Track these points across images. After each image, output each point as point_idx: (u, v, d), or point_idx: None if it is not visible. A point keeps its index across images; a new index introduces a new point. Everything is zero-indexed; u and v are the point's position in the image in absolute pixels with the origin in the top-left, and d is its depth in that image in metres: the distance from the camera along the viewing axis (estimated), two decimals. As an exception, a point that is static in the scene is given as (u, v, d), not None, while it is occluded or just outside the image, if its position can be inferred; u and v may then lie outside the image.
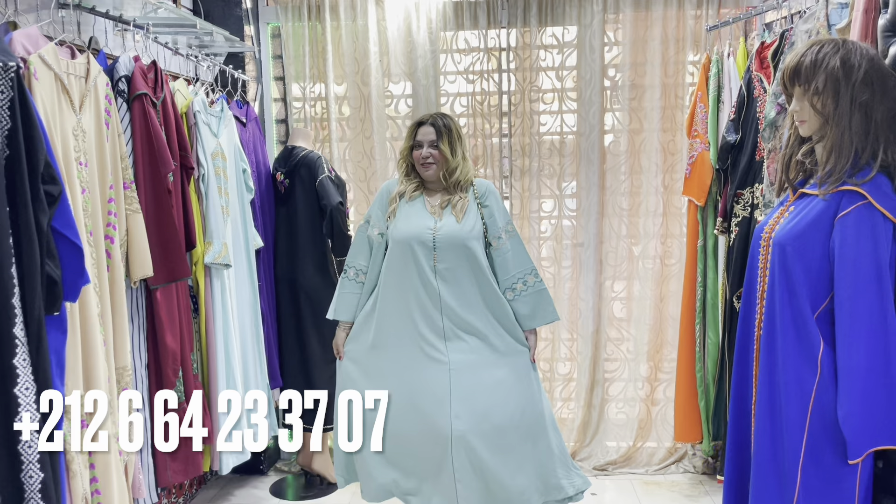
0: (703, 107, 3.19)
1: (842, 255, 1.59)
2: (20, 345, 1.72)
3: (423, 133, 2.51)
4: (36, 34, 2.03)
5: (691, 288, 3.28)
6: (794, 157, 1.77)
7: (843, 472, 1.61)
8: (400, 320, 2.48)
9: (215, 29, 3.04)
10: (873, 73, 1.62)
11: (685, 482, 3.47)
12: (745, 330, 1.87)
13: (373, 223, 2.57)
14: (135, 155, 2.43)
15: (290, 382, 3.41)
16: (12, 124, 1.72)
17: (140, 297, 2.51)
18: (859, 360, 1.58)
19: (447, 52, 3.62)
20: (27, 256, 1.74)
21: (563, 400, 3.74)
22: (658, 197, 3.57)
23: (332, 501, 3.36)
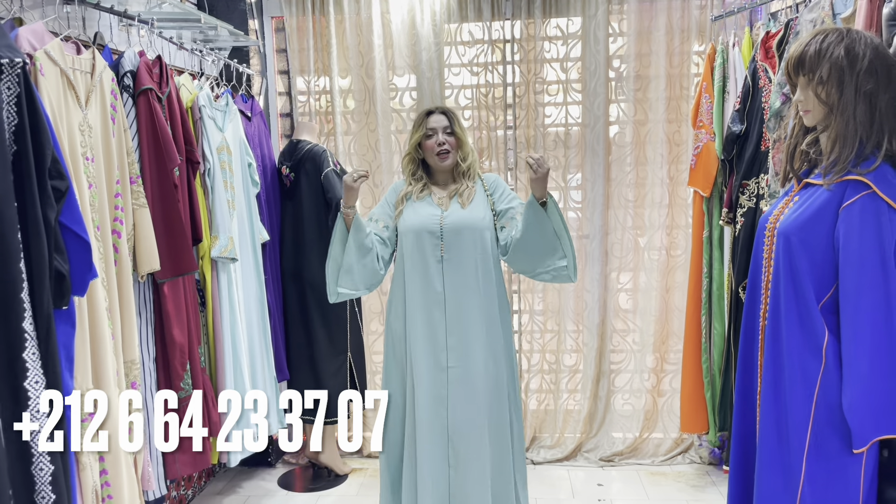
0: (708, 97, 3.18)
1: (846, 244, 1.59)
2: (29, 339, 1.74)
3: (435, 121, 2.47)
4: (41, 30, 2.04)
5: (697, 279, 3.28)
6: (798, 146, 1.76)
7: (848, 462, 1.61)
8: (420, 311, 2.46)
9: (219, 23, 3.05)
10: (878, 63, 1.61)
11: (691, 473, 3.48)
12: (749, 320, 1.87)
13: (375, 218, 2.54)
14: (141, 150, 2.44)
15: (296, 375, 3.44)
16: (19, 120, 1.73)
17: (147, 291, 2.53)
18: (864, 350, 1.57)
19: (451, 44, 3.61)
20: (35, 251, 1.75)
21: (568, 391, 3.75)
22: (663, 188, 3.57)
23: (340, 493, 3.38)
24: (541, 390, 3.76)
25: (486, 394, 2.44)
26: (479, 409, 2.42)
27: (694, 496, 3.25)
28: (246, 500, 3.33)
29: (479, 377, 2.43)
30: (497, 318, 2.49)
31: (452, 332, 2.43)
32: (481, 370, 2.43)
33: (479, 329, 2.44)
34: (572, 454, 3.65)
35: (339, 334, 3.40)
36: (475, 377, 2.42)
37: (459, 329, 2.43)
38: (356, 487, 3.42)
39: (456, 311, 2.43)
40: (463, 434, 2.41)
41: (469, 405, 2.42)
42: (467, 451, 2.41)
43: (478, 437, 2.42)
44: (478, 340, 2.43)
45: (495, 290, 2.49)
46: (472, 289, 2.44)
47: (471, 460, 2.41)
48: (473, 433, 2.42)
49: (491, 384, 2.45)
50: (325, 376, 3.38)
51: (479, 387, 2.43)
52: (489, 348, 2.45)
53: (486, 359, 2.44)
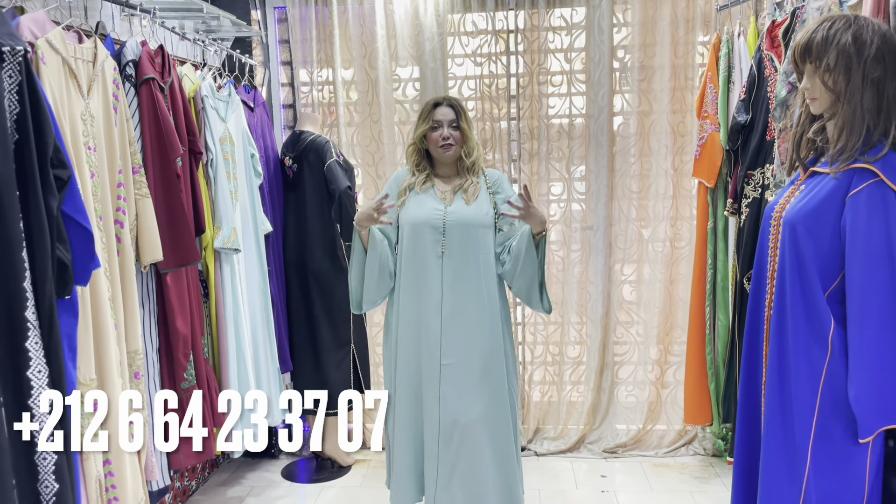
0: (713, 87, 3.16)
1: (853, 233, 1.57)
2: (32, 328, 1.74)
3: (441, 113, 2.44)
4: (43, 18, 2.03)
5: (701, 270, 3.27)
6: (805, 135, 1.75)
7: (853, 452, 1.60)
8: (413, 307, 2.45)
9: (222, 13, 3.04)
10: (885, 49, 1.60)
11: (695, 464, 3.48)
12: (755, 310, 1.86)
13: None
14: (143, 139, 2.44)
15: (299, 367, 3.43)
16: (21, 109, 1.72)
17: (150, 281, 2.52)
18: (870, 339, 1.56)
19: (455, 34, 3.60)
20: (38, 240, 1.75)
21: (572, 383, 3.74)
22: (668, 179, 3.55)
23: (344, 484, 3.38)
24: (544, 382, 3.75)
25: (485, 389, 2.42)
26: (477, 405, 2.40)
27: (698, 487, 3.24)
28: (250, 491, 3.34)
29: (476, 374, 2.41)
30: (497, 316, 2.46)
31: (448, 330, 2.40)
32: (478, 367, 2.41)
33: (476, 326, 2.42)
34: (576, 446, 3.65)
35: (342, 326, 3.39)
36: (472, 374, 2.40)
37: (455, 326, 2.40)
38: (359, 479, 3.42)
39: (452, 308, 2.40)
40: (462, 429, 2.39)
41: (464, 400, 2.39)
42: (468, 448, 2.39)
43: (477, 432, 2.40)
44: (474, 338, 2.41)
45: (496, 289, 2.47)
46: (472, 286, 2.42)
47: (470, 456, 2.40)
48: (471, 428, 2.39)
49: (490, 380, 2.43)
50: (329, 368, 3.38)
51: (476, 383, 2.41)
52: (486, 345, 2.43)
53: (483, 356, 2.42)
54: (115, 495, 2.14)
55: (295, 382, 3.47)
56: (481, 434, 2.41)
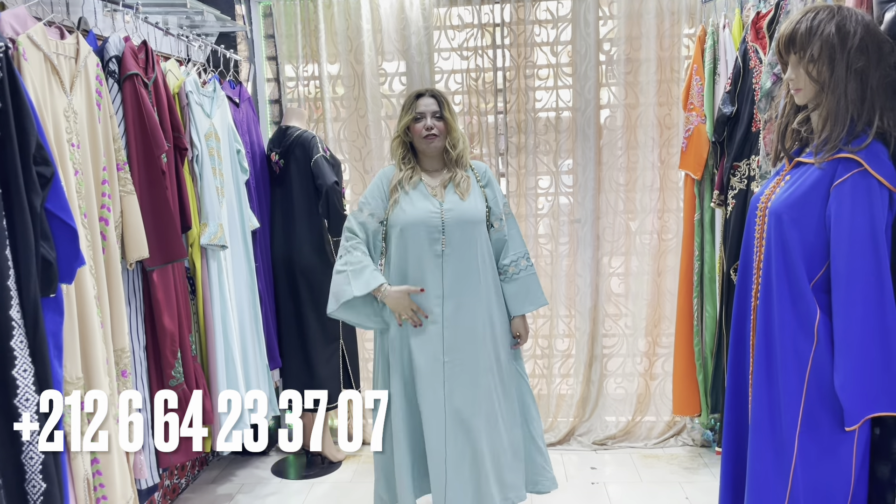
0: (699, 80, 3.17)
1: (838, 223, 1.59)
2: (17, 327, 1.72)
3: (424, 104, 2.43)
4: (24, 14, 2.01)
5: (689, 262, 3.28)
6: (789, 125, 1.76)
7: (840, 440, 1.61)
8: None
9: (206, 8, 3.01)
10: (869, 40, 1.61)
11: (684, 455, 3.50)
12: (741, 300, 1.87)
13: (368, 210, 2.45)
14: (127, 136, 2.42)
15: (288, 363, 3.42)
16: (2, 105, 1.71)
17: (137, 278, 2.51)
18: (855, 328, 1.58)
19: (441, 28, 3.59)
20: (21, 238, 1.74)
21: (561, 376, 3.75)
22: (655, 172, 3.56)
23: (335, 480, 3.38)
24: (533, 375, 3.76)
25: (490, 383, 2.42)
26: (480, 398, 2.40)
27: (687, 478, 3.26)
28: (240, 488, 3.33)
29: (480, 369, 2.40)
30: (496, 309, 2.46)
31: (450, 327, 2.39)
32: (482, 362, 2.41)
33: (478, 321, 2.41)
34: (565, 438, 3.66)
35: (331, 321, 3.38)
36: (476, 369, 2.40)
37: (457, 322, 2.39)
38: (350, 474, 3.42)
39: (453, 305, 2.39)
40: (468, 425, 2.38)
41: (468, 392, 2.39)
42: (474, 445, 2.38)
43: (483, 427, 2.39)
44: (476, 333, 2.41)
45: (492, 282, 2.47)
46: (473, 283, 2.41)
47: (477, 452, 2.39)
48: (476, 424, 2.38)
49: (495, 374, 2.43)
50: (318, 363, 3.37)
51: (481, 378, 2.40)
52: (489, 339, 2.43)
53: (486, 350, 2.42)
54: (104, 494, 2.12)
55: (284, 379, 3.46)
56: (488, 429, 2.40)
